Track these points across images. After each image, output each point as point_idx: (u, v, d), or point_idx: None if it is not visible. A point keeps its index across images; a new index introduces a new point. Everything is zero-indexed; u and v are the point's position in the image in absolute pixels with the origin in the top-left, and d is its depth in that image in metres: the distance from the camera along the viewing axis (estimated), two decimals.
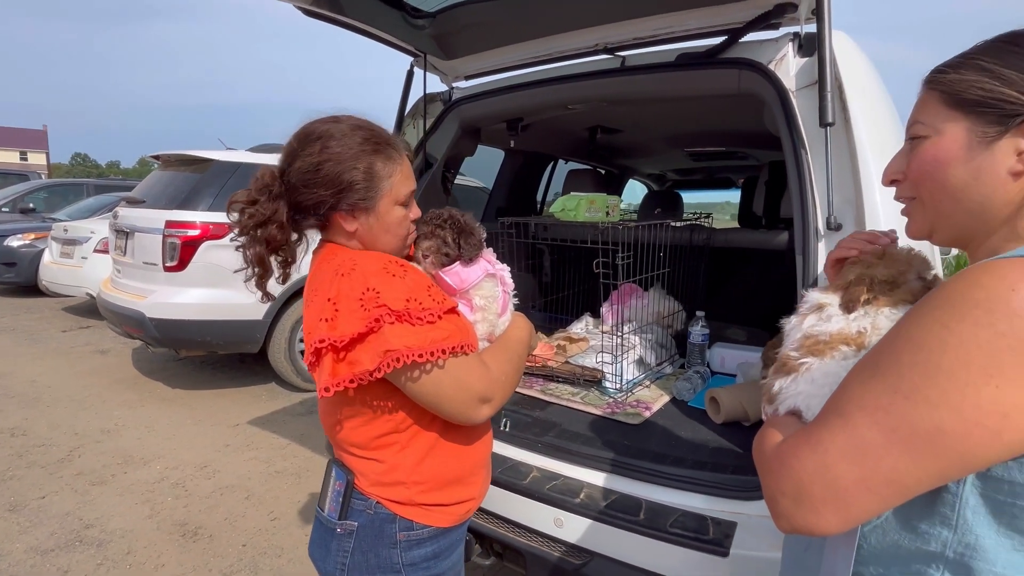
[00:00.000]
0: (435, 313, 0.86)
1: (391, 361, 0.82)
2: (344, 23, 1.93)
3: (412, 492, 0.95)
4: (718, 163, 3.77)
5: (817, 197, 1.37)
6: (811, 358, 0.74)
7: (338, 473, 0.98)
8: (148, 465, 3.02)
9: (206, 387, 4.25)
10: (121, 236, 4.11)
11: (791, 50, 1.54)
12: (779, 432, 0.65)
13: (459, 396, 0.90)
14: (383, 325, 0.82)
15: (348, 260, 0.88)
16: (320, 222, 0.95)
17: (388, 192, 0.94)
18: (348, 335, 0.82)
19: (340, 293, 0.84)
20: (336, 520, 0.96)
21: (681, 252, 2.13)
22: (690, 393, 1.82)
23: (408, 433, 0.94)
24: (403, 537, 0.95)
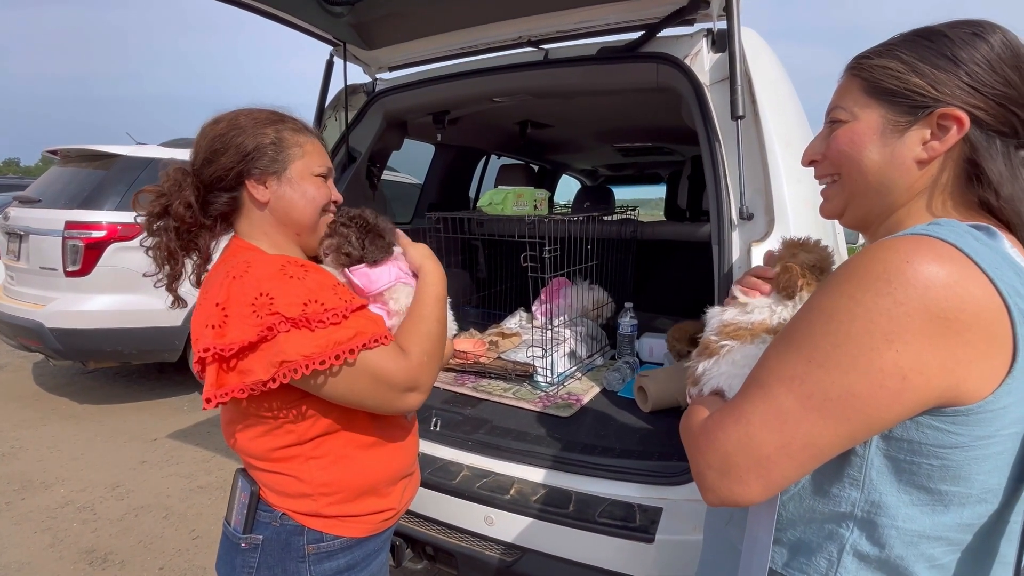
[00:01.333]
0: (340, 312, 0.81)
1: (287, 372, 0.77)
2: (256, 8, 1.82)
3: (319, 504, 0.89)
4: (646, 158, 3.88)
5: (731, 188, 1.42)
6: (732, 342, 0.76)
7: (243, 484, 0.92)
8: (50, 489, 2.76)
9: (120, 401, 3.93)
10: (14, 239, 3.73)
11: (705, 46, 1.58)
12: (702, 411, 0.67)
13: (379, 391, 0.85)
14: (277, 333, 0.77)
15: (242, 262, 0.82)
16: (231, 198, 0.91)
17: (300, 158, 0.93)
18: (237, 343, 0.75)
19: (231, 297, 0.78)
20: (241, 534, 0.89)
21: (609, 245, 2.17)
22: (620, 383, 1.85)
23: (312, 444, 0.88)
24: (312, 550, 0.89)
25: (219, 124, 0.91)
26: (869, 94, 0.64)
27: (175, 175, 0.90)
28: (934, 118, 0.59)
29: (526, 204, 1.87)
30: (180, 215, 0.88)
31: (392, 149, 2.35)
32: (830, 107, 0.71)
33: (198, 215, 0.90)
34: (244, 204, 0.93)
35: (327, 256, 1.01)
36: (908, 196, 0.63)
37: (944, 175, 0.61)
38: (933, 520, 0.57)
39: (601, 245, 2.03)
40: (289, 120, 0.95)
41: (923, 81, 0.60)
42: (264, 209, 0.92)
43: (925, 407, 0.53)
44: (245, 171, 0.89)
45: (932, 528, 0.57)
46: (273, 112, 0.95)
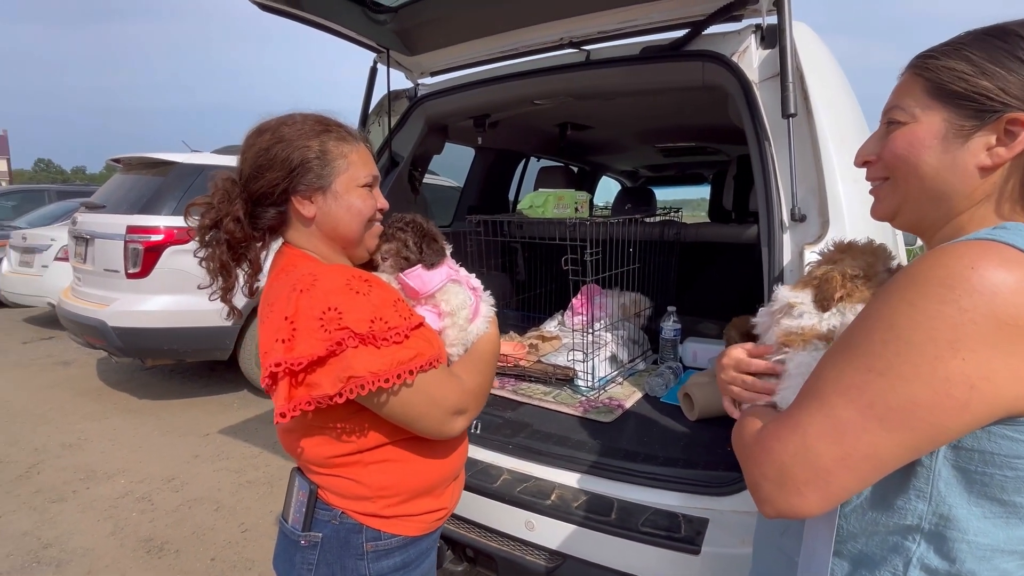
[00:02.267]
0: (402, 332, 0.82)
1: (354, 388, 0.78)
2: (302, 18, 1.87)
3: (377, 506, 0.91)
4: (688, 159, 3.79)
5: (781, 189, 1.36)
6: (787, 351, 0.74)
7: (301, 483, 0.94)
8: (112, 480, 2.91)
9: (175, 397, 4.12)
10: (80, 243, 3.96)
11: (753, 42, 1.53)
12: (755, 421, 0.66)
13: (431, 412, 0.87)
14: (346, 349, 0.77)
15: (308, 275, 0.82)
16: (279, 213, 0.92)
17: (345, 171, 0.93)
18: (307, 357, 0.76)
19: (299, 311, 0.78)
20: (300, 532, 0.91)
21: (652, 247, 2.12)
22: (663, 389, 1.81)
23: (372, 453, 0.90)
24: (371, 548, 0.91)
25: (263, 136, 0.90)
26: (932, 96, 0.61)
27: (224, 186, 0.91)
28: (1002, 123, 0.56)
29: (567, 207, 1.86)
30: (231, 230, 0.89)
31: (433, 153, 2.37)
32: (888, 106, 0.68)
33: (247, 229, 0.91)
34: (291, 218, 0.93)
35: (385, 260, 1.03)
36: (968, 203, 0.60)
37: (1010, 183, 0.58)
38: (1008, 534, 0.55)
39: (643, 247, 1.99)
40: (334, 128, 0.94)
41: (992, 84, 0.57)
42: (311, 224, 0.93)
43: (996, 417, 0.51)
44: (291, 188, 0.89)
45: (1007, 542, 0.55)
46: (318, 120, 0.94)
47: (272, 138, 0.89)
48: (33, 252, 5.77)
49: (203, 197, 0.92)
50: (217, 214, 0.89)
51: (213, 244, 0.90)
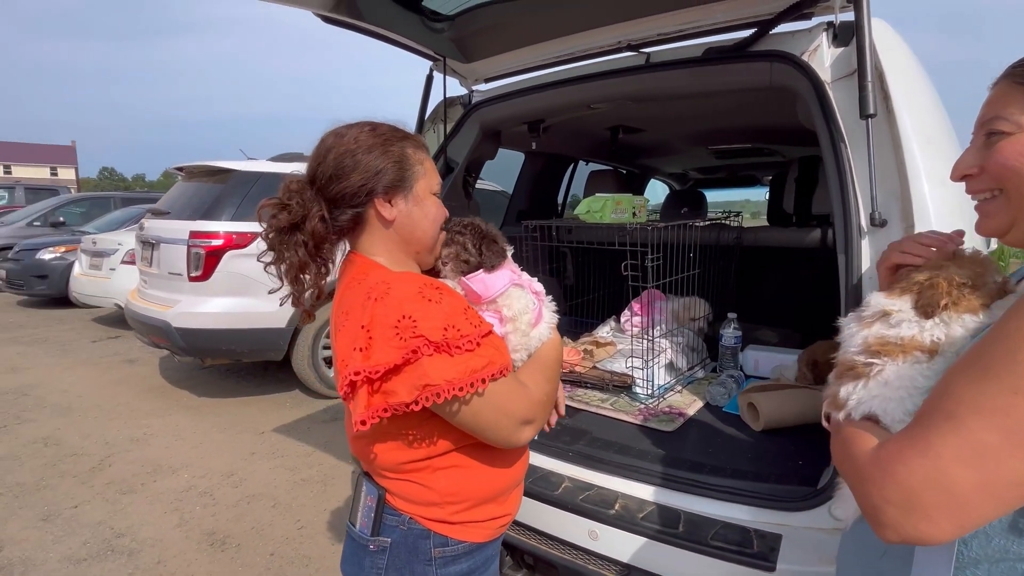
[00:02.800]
0: (474, 340, 0.82)
1: (430, 396, 0.78)
2: (362, 29, 1.92)
3: (446, 512, 0.91)
4: (743, 160, 3.69)
5: (859, 192, 1.31)
6: (881, 360, 0.70)
7: (369, 488, 0.95)
8: (176, 474, 3.05)
9: (231, 395, 4.29)
10: (147, 247, 4.18)
11: (825, 40, 1.48)
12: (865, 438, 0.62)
13: (501, 422, 0.87)
14: (421, 357, 0.78)
15: (381, 283, 0.83)
16: (355, 215, 0.91)
17: (423, 176, 0.95)
18: (383, 366, 0.77)
19: (374, 320, 0.79)
20: (369, 536, 0.93)
21: (711, 252, 2.07)
22: (724, 398, 1.76)
23: (442, 459, 0.91)
24: (438, 553, 0.91)
25: (344, 139, 0.90)
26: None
27: (300, 188, 0.90)
28: None
29: (624, 211, 1.84)
30: (317, 229, 0.88)
31: (486, 159, 2.39)
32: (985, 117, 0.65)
33: (330, 229, 0.90)
34: (368, 221, 0.93)
35: (446, 265, 1.04)
36: None
37: None
38: None
39: (702, 252, 1.95)
40: (410, 137, 0.96)
41: None
42: (389, 227, 0.93)
43: None
44: (374, 188, 0.89)
45: None
46: (394, 128, 0.95)
47: (355, 141, 0.90)
48: (102, 256, 6.12)
49: (276, 198, 0.91)
50: (295, 215, 0.88)
51: (290, 246, 0.89)
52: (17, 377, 4.64)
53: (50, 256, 7.20)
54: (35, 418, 3.79)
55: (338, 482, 2.96)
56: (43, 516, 2.62)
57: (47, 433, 3.55)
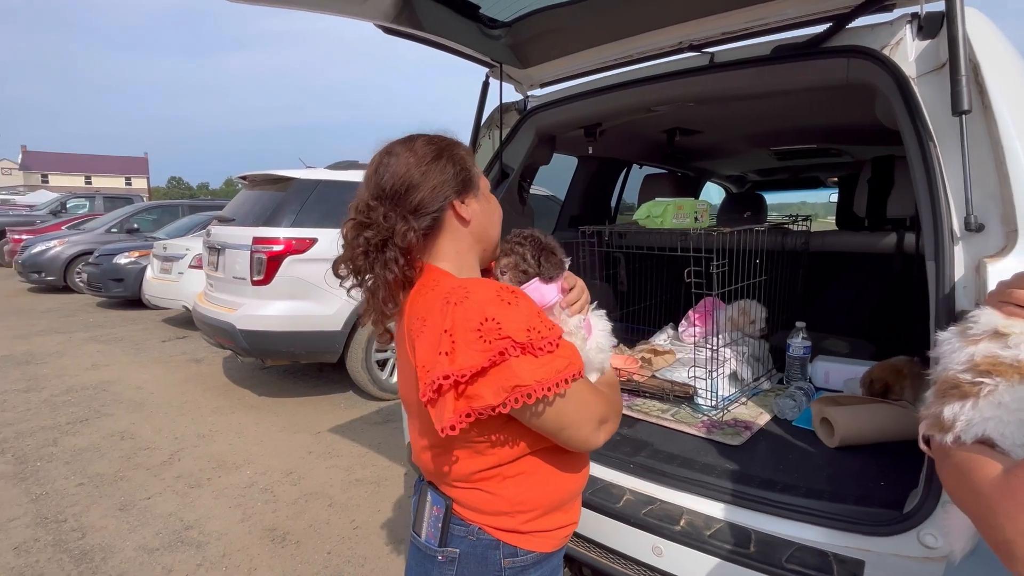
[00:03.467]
0: (554, 341, 0.81)
1: (520, 397, 0.77)
2: (421, 38, 1.95)
3: (517, 521, 0.90)
4: (807, 161, 3.53)
5: (951, 195, 1.21)
6: (992, 379, 0.64)
7: (435, 498, 0.94)
8: (239, 470, 3.17)
9: (289, 395, 4.44)
10: (213, 252, 4.39)
11: (909, 33, 1.38)
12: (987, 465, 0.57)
13: (581, 422, 0.86)
14: (508, 358, 0.77)
15: (459, 287, 0.82)
16: (433, 220, 0.91)
17: (480, 176, 0.99)
18: (469, 369, 0.76)
19: (456, 324, 0.78)
20: (436, 547, 0.92)
21: (777, 258, 1.98)
22: (794, 412, 1.68)
23: (512, 466, 0.90)
24: (508, 564, 0.90)
25: (402, 156, 0.90)
26: None
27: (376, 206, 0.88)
28: None
29: (686, 216, 1.78)
30: (410, 241, 0.86)
31: (541, 164, 2.38)
32: None
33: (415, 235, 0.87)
34: (444, 224, 0.93)
35: (504, 275, 1.04)
36: None
37: None
38: None
39: (768, 258, 1.86)
40: (458, 142, 0.98)
41: None
42: (467, 226, 0.95)
43: None
44: (449, 192, 0.90)
45: None
46: (441, 136, 0.96)
47: (415, 154, 0.91)
48: (171, 260, 6.48)
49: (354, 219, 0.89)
50: (383, 232, 0.86)
51: (381, 264, 0.87)
52: (98, 373, 4.97)
53: (125, 260, 7.69)
54: (113, 412, 4.04)
55: (390, 484, 3.00)
56: (120, 506, 2.78)
57: (123, 427, 3.77)
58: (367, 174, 0.93)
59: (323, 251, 3.93)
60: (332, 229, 3.36)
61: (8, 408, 4.10)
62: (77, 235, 9.62)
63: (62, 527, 2.59)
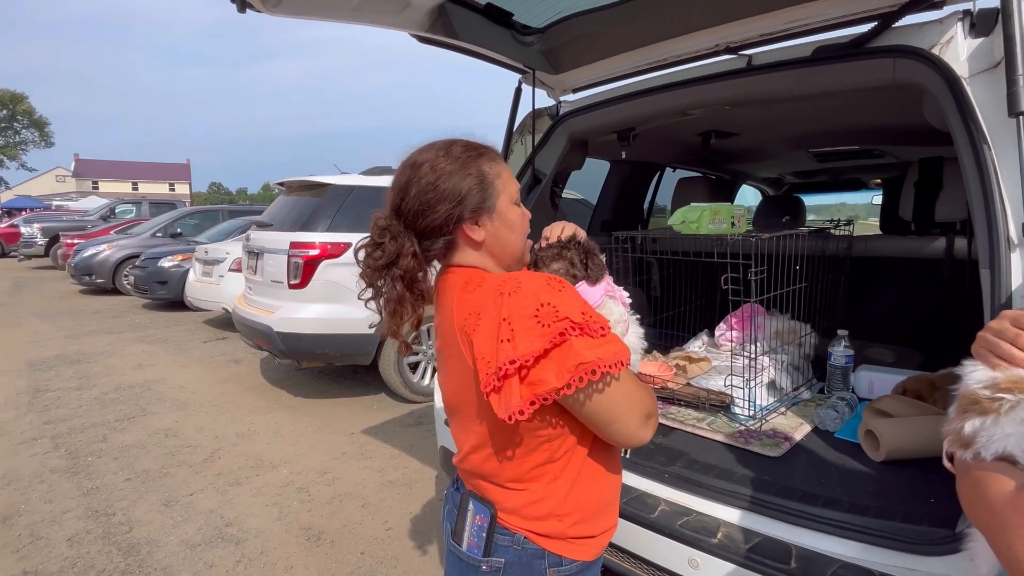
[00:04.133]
0: (604, 327, 0.82)
1: (584, 375, 0.77)
2: (455, 46, 1.97)
3: (564, 525, 0.90)
4: (847, 163, 3.42)
5: (1007, 199, 1.16)
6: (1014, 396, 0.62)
7: (478, 506, 0.94)
8: (276, 469, 3.26)
9: (324, 396, 4.53)
10: (252, 256, 4.52)
11: (960, 31, 1.33)
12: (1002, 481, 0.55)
13: (632, 412, 0.86)
14: (568, 338, 0.78)
15: (510, 279, 0.84)
16: (446, 242, 0.94)
17: (502, 191, 0.95)
18: (532, 353, 0.77)
19: (513, 312, 0.79)
20: (480, 557, 0.92)
21: (818, 264, 1.93)
22: (836, 423, 1.62)
23: (562, 462, 0.90)
24: (552, 573, 0.90)
25: (421, 170, 0.91)
26: None
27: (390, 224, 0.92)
28: None
29: (723, 221, 1.75)
30: (409, 267, 0.90)
31: (573, 169, 2.37)
32: None
33: (424, 264, 0.93)
34: (458, 244, 0.94)
35: None
36: None
37: None
38: None
39: (809, 264, 1.81)
40: (483, 151, 0.96)
41: None
42: (480, 247, 0.94)
43: None
44: (460, 216, 0.91)
45: None
46: (467, 145, 0.95)
47: (433, 173, 0.91)
48: (212, 264, 6.70)
49: (370, 239, 0.94)
50: (390, 254, 0.91)
51: (387, 282, 0.92)
52: (143, 373, 5.17)
53: (169, 264, 8.00)
54: (157, 411, 4.20)
55: (422, 486, 3.03)
56: (164, 501, 2.89)
57: (167, 425, 3.92)
58: (392, 185, 0.94)
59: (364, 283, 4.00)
60: (366, 234, 3.42)
61: (62, 405, 4.31)
62: (125, 239, 10.05)
63: (111, 520, 2.71)
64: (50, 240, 13.55)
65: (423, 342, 4.31)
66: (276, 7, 1.49)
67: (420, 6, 1.71)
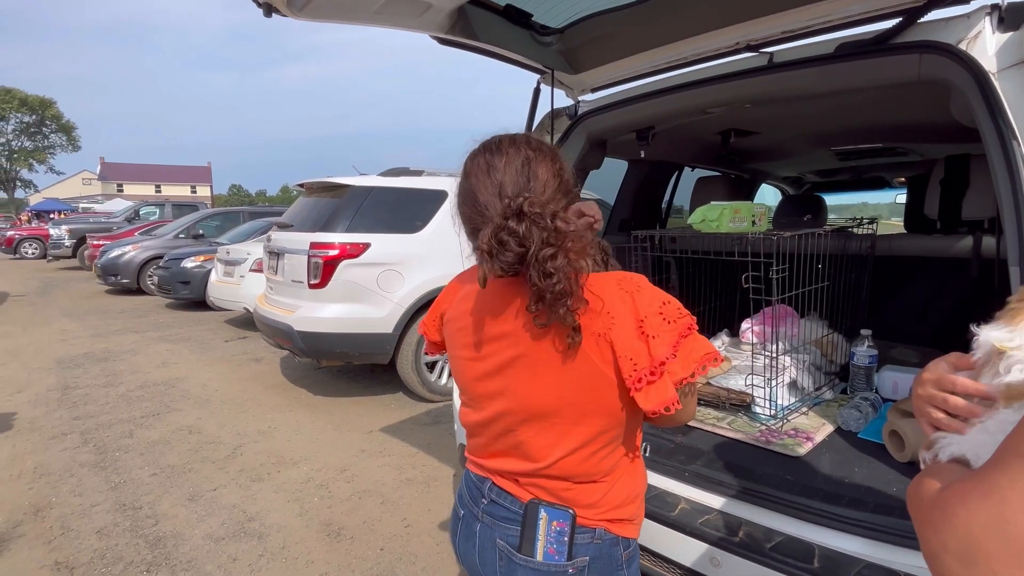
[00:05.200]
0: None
1: (708, 362, 0.83)
2: (476, 48, 1.99)
3: (631, 509, 0.95)
4: (870, 161, 3.37)
5: None
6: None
7: (554, 512, 0.90)
8: (297, 466, 3.30)
9: (343, 394, 4.59)
10: (273, 257, 4.59)
11: (988, 25, 1.31)
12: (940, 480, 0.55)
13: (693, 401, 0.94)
14: (693, 331, 0.83)
15: (627, 277, 0.87)
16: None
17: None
18: (672, 349, 0.81)
19: (647, 311, 0.84)
20: (564, 562, 0.89)
21: (840, 263, 1.91)
22: (859, 423, 1.61)
23: (628, 446, 0.94)
24: (626, 556, 0.94)
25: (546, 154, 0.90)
26: None
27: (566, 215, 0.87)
28: None
29: (744, 220, 1.74)
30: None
31: (592, 168, 2.37)
32: None
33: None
34: None
35: None
36: None
37: None
38: None
39: (831, 263, 1.80)
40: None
41: None
42: None
43: None
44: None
45: None
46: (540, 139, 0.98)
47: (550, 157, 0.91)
48: (234, 264, 6.82)
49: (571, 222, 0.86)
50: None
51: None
52: (167, 371, 5.29)
53: (192, 264, 8.16)
54: (181, 408, 4.29)
55: (440, 483, 3.05)
56: (189, 496, 2.95)
57: (191, 422, 4.00)
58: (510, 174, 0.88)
59: (376, 255, 4.05)
60: (384, 234, 3.50)
61: (91, 401, 4.42)
62: (149, 240, 10.28)
63: (138, 514, 2.77)
64: (77, 241, 13.91)
65: None
66: (301, 11, 1.53)
67: (441, 8, 1.73)
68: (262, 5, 1.51)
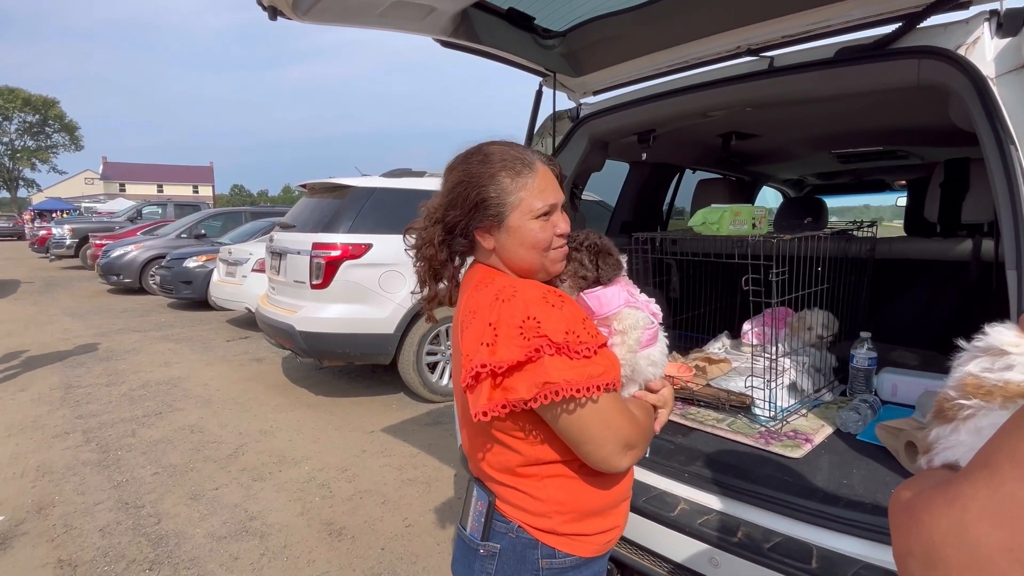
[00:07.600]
0: (591, 347, 0.84)
1: (549, 393, 0.81)
2: (478, 50, 2.00)
3: (554, 522, 0.93)
4: (870, 164, 3.38)
5: None
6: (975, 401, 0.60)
7: (479, 493, 0.99)
8: (298, 465, 3.32)
9: (344, 395, 4.60)
10: (275, 257, 4.61)
11: (987, 31, 1.33)
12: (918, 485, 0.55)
13: (606, 437, 0.87)
14: (543, 356, 0.81)
15: (509, 286, 0.88)
16: (468, 242, 0.98)
17: (517, 206, 0.93)
18: (507, 362, 0.81)
19: (501, 319, 0.84)
20: (479, 540, 0.96)
21: (840, 265, 1.92)
22: (858, 425, 1.62)
23: (549, 467, 0.92)
24: (545, 564, 0.93)
25: (454, 172, 0.97)
26: None
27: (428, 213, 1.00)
28: None
29: (744, 222, 1.75)
30: (428, 255, 0.99)
31: (593, 171, 2.39)
32: None
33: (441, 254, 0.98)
34: (478, 246, 0.99)
35: (564, 281, 1.06)
36: None
37: None
38: None
39: (831, 266, 1.81)
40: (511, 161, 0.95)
41: None
42: (492, 255, 0.99)
43: None
44: (471, 224, 0.95)
45: None
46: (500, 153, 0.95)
47: (457, 176, 0.96)
48: (236, 264, 6.84)
49: (416, 221, 1.03)
50: (421, 240, 1.00)
51: (420, 260, 1.02)
52: (169, 371, 5.30)
53: (194, 264, 8.18)
54: (183, 407, 4.31)
55: (441, 484, 3.07)
56: (191, 495, 2.97)
57: (193, 421, 4.01)
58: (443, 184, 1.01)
59: (378, 256, 4.06)
60: (387, 235, 3.52)
61: (93, 400, 4.44)
62: (151, 240, 10.30)
63: (140, 512, 2.79)
64: (80, 241, 13.96)
65: (441, 343, 4.35)
66: (306, 15, 1.54)
67: (444, 11, 1.74)
68: (267, 8, 1.52)
